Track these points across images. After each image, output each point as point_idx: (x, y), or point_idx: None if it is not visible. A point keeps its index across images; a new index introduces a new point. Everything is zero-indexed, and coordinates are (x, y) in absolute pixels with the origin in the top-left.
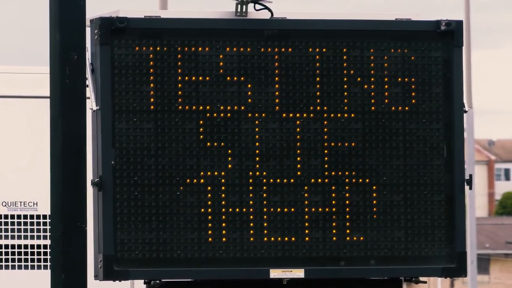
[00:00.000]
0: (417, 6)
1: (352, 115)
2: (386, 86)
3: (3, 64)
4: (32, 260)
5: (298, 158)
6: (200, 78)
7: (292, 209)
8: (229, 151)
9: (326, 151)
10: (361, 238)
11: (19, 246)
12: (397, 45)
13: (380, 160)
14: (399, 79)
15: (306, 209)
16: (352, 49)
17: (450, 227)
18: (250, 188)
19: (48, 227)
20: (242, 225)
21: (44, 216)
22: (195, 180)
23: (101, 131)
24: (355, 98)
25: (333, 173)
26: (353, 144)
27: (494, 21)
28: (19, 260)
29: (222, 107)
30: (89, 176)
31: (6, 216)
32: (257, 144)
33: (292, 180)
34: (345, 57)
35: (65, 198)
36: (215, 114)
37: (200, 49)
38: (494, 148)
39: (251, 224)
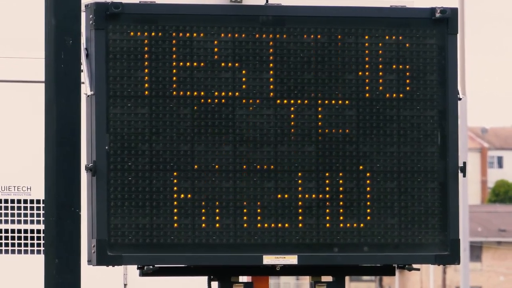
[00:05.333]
0: None
1: (347, 102)
2: (380, 73)
3: None
4: (26, 245)
5: (292, 145)
6: (195, 64)
7: (286, 196)
8: (223, 137)
9: (320, 138)
10: (355, 225)
11: (13, 231)
12: (392, 32)
13: (374, 147)
14: (394, 66)
15: (300, 196)
16: (347, 36)
17: (444, 214)
18: (244, 174)
19: (41, 211)
20: (235, 211)
21: (38, 201)
22: (189, 166)
23: (95, 116)
24: (350, 85)
25: (327, 159)
26: (347, 130)
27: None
28: (12, 244)
29: (216, 93)
30: (83, 161)
31: None
32: (251, 130)
33: (286, 167)
34: (339, 43)
35: (59, 183)
36: (209, 100)
37: (195, 34)
38: (487, 135)
39: (245, 210)
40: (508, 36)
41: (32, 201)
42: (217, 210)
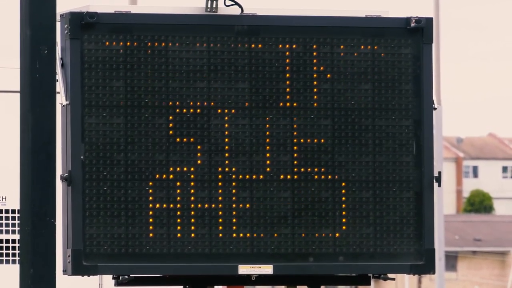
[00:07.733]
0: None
1: (322, 111)
2: (355, 83)
3: None
4: (1, 255)
5: (268, 154)
6: (170, 73)
7: (261, 205)
8: (199, 146)
9: (295, 148)
10: (330, 234)
11: None
12: (367, 41)
13: (349, 156)
14: (369, 76)
15: (275, 205)
16: (322, 46)
17: (419, 224)
18: (219, 184)
19: (17, 221)
20: (211, 221)
21: (13, 211)
22: (164, 176)
23: (70, 125)
24: (325, 95)
25: (302, 169)
26: (322, 140)
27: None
28: None
29: (191, 103)
30: (59, 171)
31: None
32: (226, 140)
33: (261, 176)
34: (315, 53)
35: (35, 192)
36: (184, 110)
37: (170, 44)
38: (462, 145)
39: (220, 220)
40: (483, 44)
41: (7, 211)
42: (192, 220)
